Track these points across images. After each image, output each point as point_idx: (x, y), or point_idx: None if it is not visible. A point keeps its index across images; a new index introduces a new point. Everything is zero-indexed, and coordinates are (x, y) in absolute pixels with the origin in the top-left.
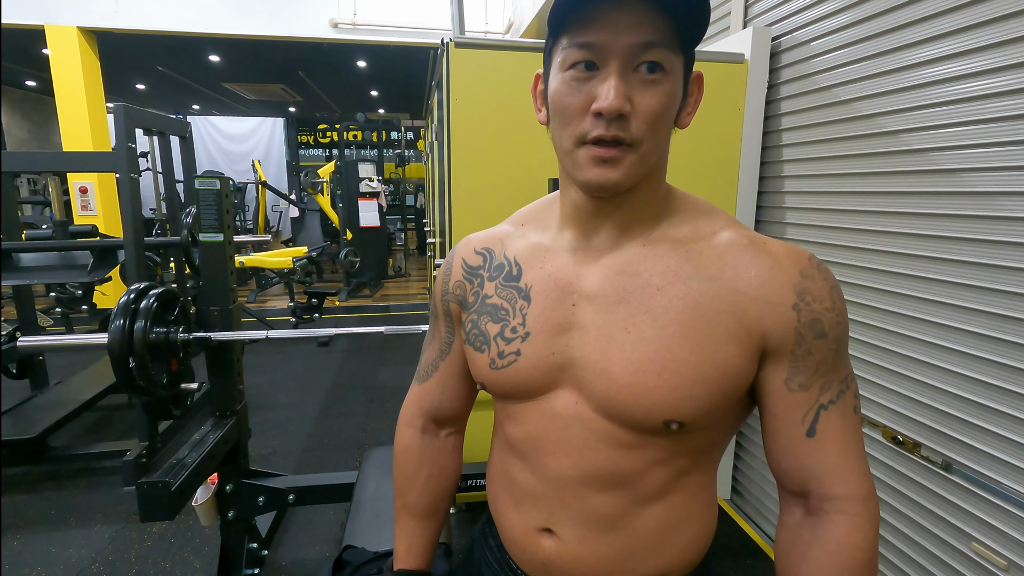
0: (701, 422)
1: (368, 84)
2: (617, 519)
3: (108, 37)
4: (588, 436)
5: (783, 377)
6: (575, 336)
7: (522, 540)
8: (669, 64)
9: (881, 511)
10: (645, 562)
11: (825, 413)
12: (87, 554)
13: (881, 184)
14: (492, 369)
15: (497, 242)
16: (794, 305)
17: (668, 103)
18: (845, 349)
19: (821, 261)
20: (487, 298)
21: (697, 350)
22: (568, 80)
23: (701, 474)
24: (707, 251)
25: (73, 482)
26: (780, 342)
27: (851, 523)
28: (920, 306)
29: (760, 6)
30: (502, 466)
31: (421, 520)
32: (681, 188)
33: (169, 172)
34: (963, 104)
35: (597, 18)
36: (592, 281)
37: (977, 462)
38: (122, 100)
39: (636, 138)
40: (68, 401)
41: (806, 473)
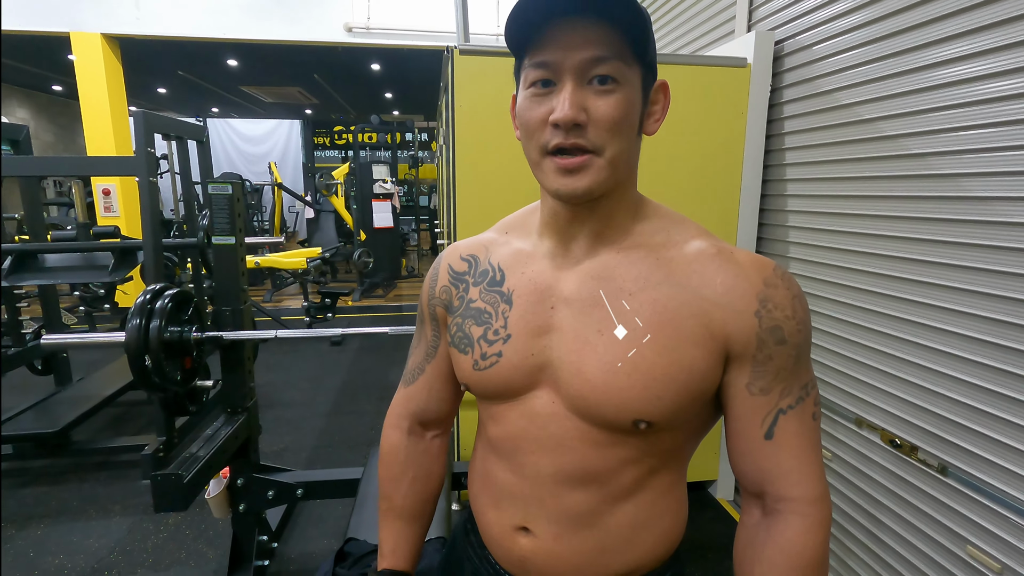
0: (668, 422)
1: (382, 86)
2: (590, 517)
3: (131, 43)
4: (563, 435)
5: (745, 381)
6: (553, 338)
7: (500, 538)
8: (621, 75)
9: (878, 513)
10: (617, 558)
11: (784, 417)
12: (106, 543)
13: (880, 188)
14: (475, 370)
15: (482, 248)
16: (756, 312)
17: (624, 110)
18: (806, 356)
19: (786, 272)
20: (471, 302)
21: (664, 352)
22: (530, 96)
23: (670, 473)
24: (677, 259)
25: (94, 475)
26: (743, 347)
27: (803, 524)
28: (919, 310)
29: (764, 10)
30: (483, 466)
31: (407, 522)
32: (684, 192)
33: (187, 175)
34: (963, 109)
35: (550, 39)
36: (569, 285)
37: (973, 466)
38: (144, 104)
39: (596, 145)
40: (90, 397)
41: (763, 475)
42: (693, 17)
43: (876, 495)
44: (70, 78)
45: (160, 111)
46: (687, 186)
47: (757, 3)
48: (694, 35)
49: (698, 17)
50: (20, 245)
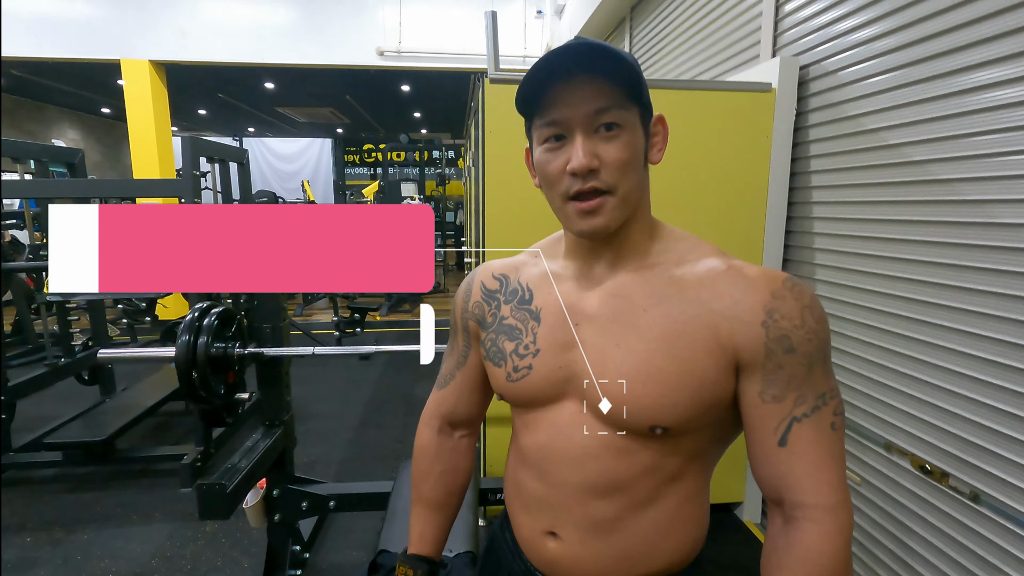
0: (683, 427)
1: (411, 106)
2: (614, 523)
3: (176, 68)
4: (588, 444)
5: (757, 389)
6: (578, 352)
7: (530, 540)
8: (623, 119)
9: (909, 540)
10: (640, 563)
11: (798, 425)
12: (148, 549)
13: (908, 213)
14: (508, 382)
15: (512, 269)
16: (763, 322)
17: (631, 150)
18: (821, 365)
19: (799, 284)
20: (503, 319)
21: (677, 362)
22: (545, 151)
23: (692, 482)
24: (689, 276)
25: (136, 482)
26: (751, 356)
27: (819, 531)
28: (948, 335)
29: (789, 36)
30: (515, 474)
31: (433, 511)
32: (710, 215)
33: (227, 194)
34: (993, 135)
35: (556, 99)
36: (591, 304)
37: (1006, 494)
38: (185, 124)
39: (610, 185)
40: (133, 407)
41: (780, 481)
42: (718, 42)
43: (906, 521)
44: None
45: (200, 131)
46: (713, 209)
47: (782, 28)
48: (719, 59)
49: (723, 42)
50: None
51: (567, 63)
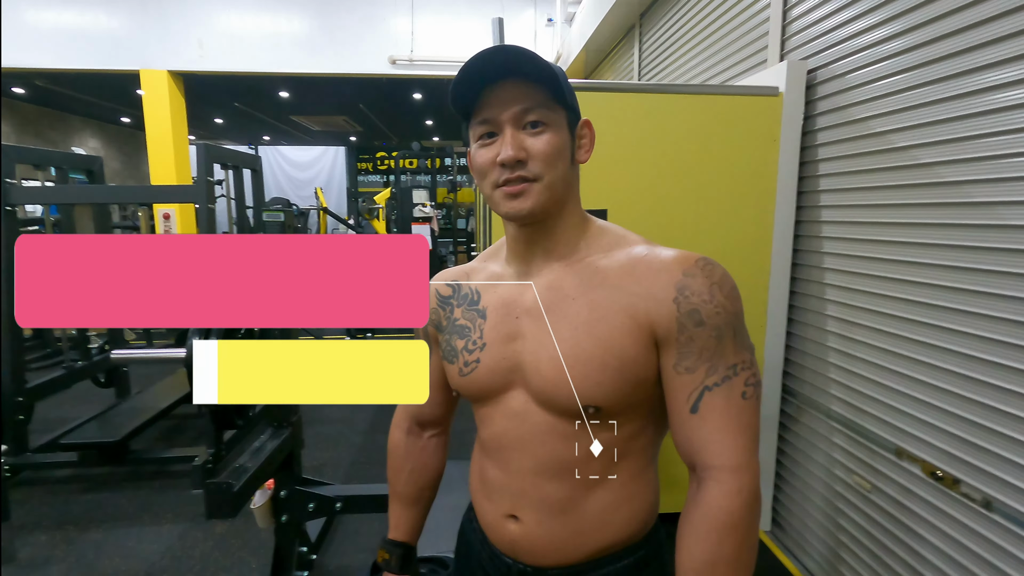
0: (614, 406)
1: (423, 114)
2: (567, 503)
3: (193, 78)
4: (537, 431)
5: (672, 362)
6: (519, 343)
7: (494, 524)
8: (547, 118)
9: (919, 547)
10: (593, 537)
11: (709, 394)
12: (158, 549)
13: (916, 216)
14: (461, 376)
15: (463, 275)
16: (675, 299)
17: (555, 145)
18: (731, 338)
19: (711, 263)
20: (456, 320)
21: (600, 344)
22: (479, 147)
23: (636, 460)
24: (613, 265)
25: (148, 483)
26: (666, 331)
27: (720, 489)
28: (959, 339)
29: (796, 40)
30: (478, 465)
31: (406, 505)
32: (718, 217)
33: (241, 200)
34: (998, 137)
35: (487, 100)
36: (529, 298)
37: (1020, 501)
38: (202, 132)
39: (536, 174)
40: (147, 409)
41: (690, 446)
42: (727, 47)
43: (918, 528)
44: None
45: (216, 139)
46: (722, 213)
47: (789, 33)
48: (727, 64)
49: (731, 47)
50: None
51: (496, 67)
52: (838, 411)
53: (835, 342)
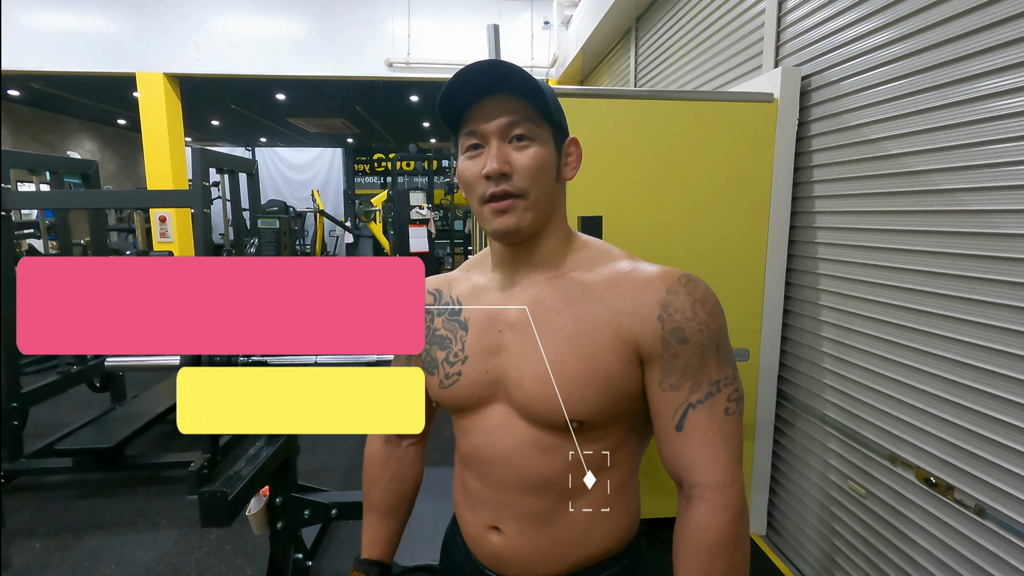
0: (597, 420)
1: (420, 116)
2: (549, 515)
3: (190, 81)
4: (518, 444)
5: (657, 379)
6: (502, 357)
7: (476, 536)
8: (533, 133)
9: (913, 553)
10: (575, 549)
11: (693, 411)
12: (153, 555)
13: (910, 223)
14: (441, 388)
15: (445, 284)
16: (659, 316)
17: (540, 160)
18: (713, 355)
19: (694, 279)
20: (436, 330)
21: (583, 359)
22: (466, 159)
23: (618, 472)
24: (597, 280)
25: (144, 488)
26: (650, 348)
27: (706, 507)
28: (953, 346)
29: (791, 47)
30: (460, 477)
31: (383, 517)
32: (712, 224)
33: (237, 204)
34: (992, 146)
35: (475, 113)
36: (513, 311)
37: (1012, 509)
38: (198, 135)
39: (521, 189)
40: (142, 414)
41: (676, 463)
42: (720, 53)
43: (911, 534)
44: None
45: (213, 141)
46: (716, 220)
47: (784, 39)
48: (722, 69)
49: (726, 52)
50: None
51: (485, 81)
52: (833, 416)
53: (830, 347)
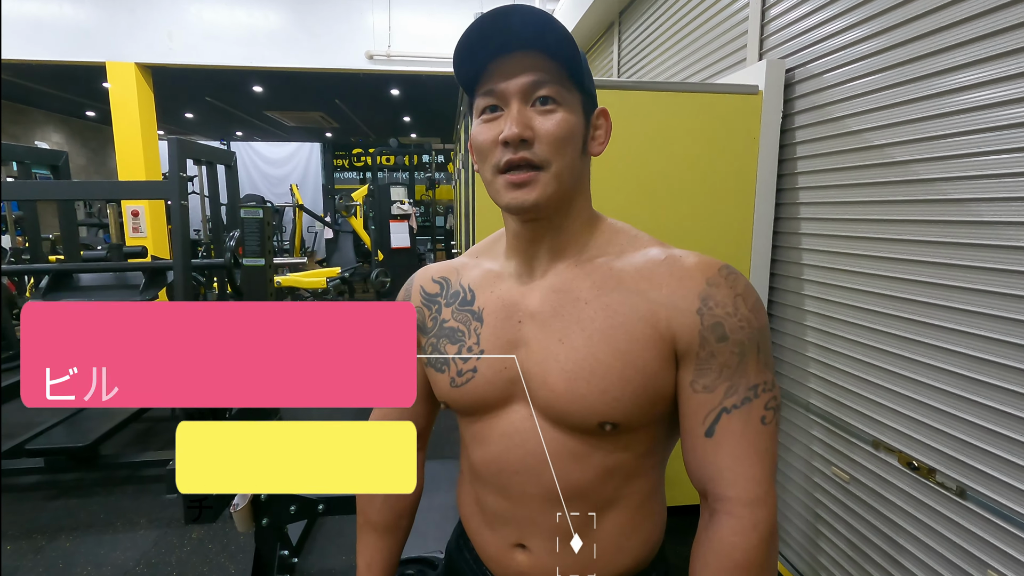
0: (632, 422)
1: (400, 110)
2: (579, 529)
3: (163, 71)
4: (542, 451)
5: (690, 379)
6: (522, 351)
7: (497, 556)
8: (561, 97)
9: (896, 536)
10: (608, 564)
11: (727, 416)
12: (132, 556)
13: (892, 213)
14: (452, 387)
15: (453, 272)
16: (698, 309)
17: (567, 128)
18: (754, 357)
19: (734, 272)
20: (445, 322)
21: (619, 355)
22: (481, 123)
23: (648, 479)
24: (628, 267)
25: (120, 488)
26: (687, 344)
27: (733, 524)
28: (935, 332)
29: (774, 39)
30: (472, 490)
31: (381, 535)
32: (697, 215)
33: (215, 197)
34: (970, 136)
35: (494, 70)
36: (533, 300)
37: (992, 489)
38: (172, 128)
39: (543, 159)
40: (117, 412)
41: (703, 472)
42: (705, 46)
43: (894, 518)
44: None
45: (187, 135)
46: (702, 210)
47: (768, 32)
48: (706, 63)
49: (710, 46)
50: (57, 265)
51: (507, 33)
52: (817, 405)
53: (814, 337)
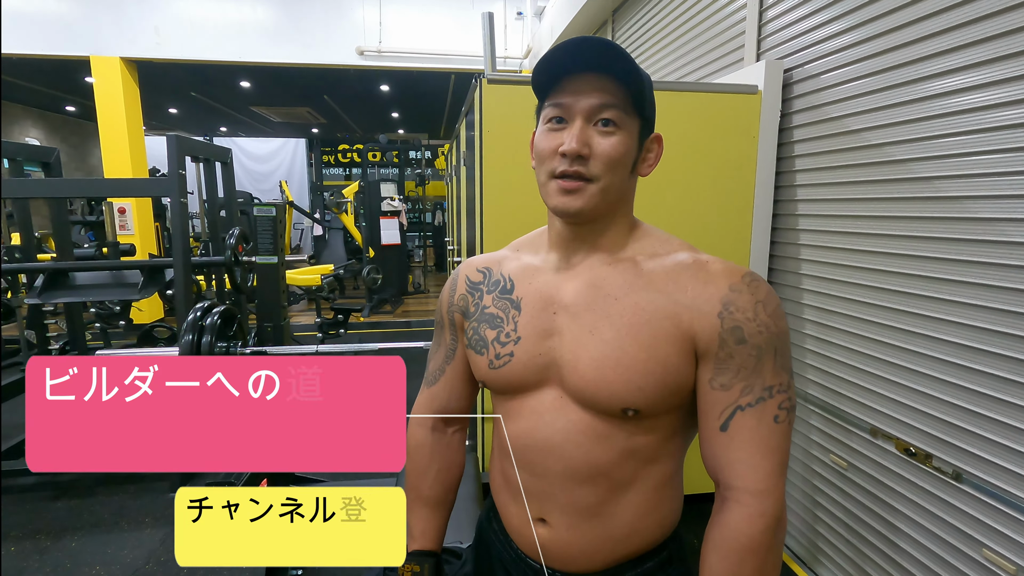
0: (652, 409)
1: (390, 106)
2: (598, 507)
3: (148, 66)
4: (569, 429)
5: (708, 376)
6: (556, 339)
7: (520, 528)
8: (621, 121)
9: (894, 520)
10: (623, 543)
11: (741, 413)
12: (140, 555)
13: (889, 209)
14: (491, 369)
15: (495, 263)
16: (719, 313)
17: (621, 150)
18: (771, 360)
19: (757, 279)
20: (485, 308)
21: (643, 349)
22: (546, 131)
23: (666, 465)
24: (658, 269)
25: (123, 487)
26: (706, 344)
27: (742, 512)
28: (929, 324)
29: (772, 40)
30: (501, 467)
31: (433, 509)
32: (698, 214)
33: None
34: (967, 136)
35: (567, 85)
36: (569, 293)
37: (987, 472)
38: (155, 123)
39: (594, 175)
40: None
41: (716, 463)
42: (701, 46)
43: (892, 502)
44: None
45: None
46: (701, 208)
47: (766, 33)
48: (701, 63)
49: (705, 46)
50: (52, 264)
51: (588, 57)
52: (815, 394)
53: (812, 329)
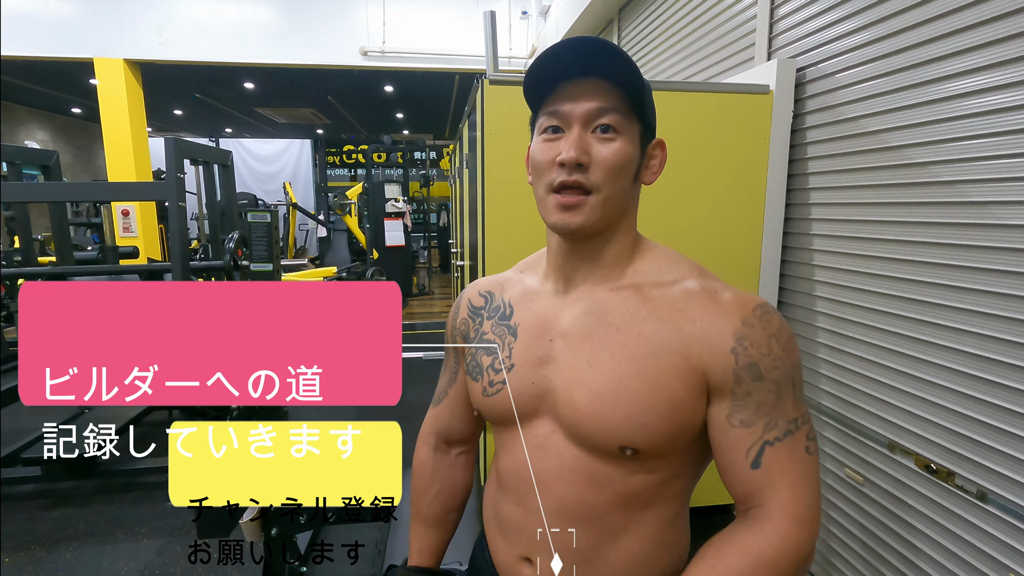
0: (653, 449)
1: (394, 107)
2: (589, 552)
3: (152, 67)
4: (561, 465)
5: (725, 413)
6: (551, 368)
7: (506, 565)
8: (621, 126)
9: (914, 540)
10: None
11: (771, 448)
12: (135, 567)
13: (908, 214)
14: (484, 396)
15: (498, 286)
16: (732, 348)
17: (622, 157)
18: (790, 392)
19: (770, 311)
20: (484, 334)
21: (647, 383)
22: (541, 141)
23: (668, 508)
24: (664, 297)
25: (120, 496)
26: (720, 380)
27: (777, 531)
28: (950, 334)
29: (784, 39)
30: (493, 498)
31: (431, 528)
32: (708, 216)
33: (212, 198)
34: (995, 138)
35: (561, 92)
36: (567, 320)
37: (1014, 492)
38: (160, 125)
39: (595, 184)
40: (115, 418)
41: (752, 500)
42: (709, 45)
43: (912, 521)
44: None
45: (175, 132)
46: (711, 211)
47: (777, 31)
48: (710, 62)
49: (714, 45)
50: (50, 268)
51: (581, 60)
52: (829, 405)
53: (825, 337)
